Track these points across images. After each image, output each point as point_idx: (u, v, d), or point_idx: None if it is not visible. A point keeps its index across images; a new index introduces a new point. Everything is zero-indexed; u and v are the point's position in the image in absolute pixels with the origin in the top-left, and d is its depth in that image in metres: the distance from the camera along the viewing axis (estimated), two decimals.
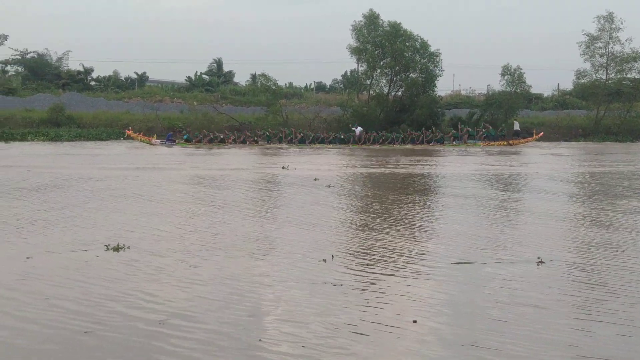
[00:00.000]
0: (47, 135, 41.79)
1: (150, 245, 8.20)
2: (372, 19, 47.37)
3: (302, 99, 64.73)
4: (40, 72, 72.09)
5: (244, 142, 40.56)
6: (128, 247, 7.97)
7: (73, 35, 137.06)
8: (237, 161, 25.50)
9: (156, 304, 5.70)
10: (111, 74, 77.33)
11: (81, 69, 74.21)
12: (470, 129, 42.97)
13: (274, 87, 47.53)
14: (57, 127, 44.56)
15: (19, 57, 74.83)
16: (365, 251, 8.08)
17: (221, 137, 41.08)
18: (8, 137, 40.51)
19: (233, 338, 4.93)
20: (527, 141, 41.68)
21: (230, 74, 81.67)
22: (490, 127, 43.20)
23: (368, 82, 48.99)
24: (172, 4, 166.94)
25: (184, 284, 6.40)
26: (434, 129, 42.81)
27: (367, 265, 7.29)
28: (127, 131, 41.15)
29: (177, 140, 40.43)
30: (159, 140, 40.05)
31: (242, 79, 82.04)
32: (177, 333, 4.99)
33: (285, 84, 72.09)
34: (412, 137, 41.83)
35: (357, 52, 47.53)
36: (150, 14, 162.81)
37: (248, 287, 6.29)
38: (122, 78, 77.50)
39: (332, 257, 7.59)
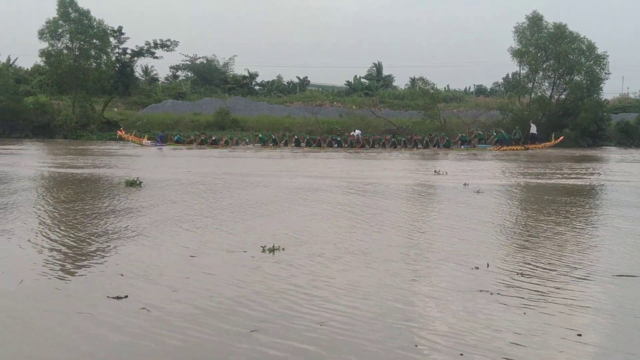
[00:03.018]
0: None
1: (305, 248, 8.29)
2: (535, 20, 46.12)
3: (461, 103, 64.05)
4: (208, 76, 75.91)
5: (237, 144, 41.57)
6: (283, 249, 8.08)
7: (239, 40, 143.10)
8: (387, 166, 25.62)
9: (314, 306, 5.77)
10: (275, 78, 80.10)
11: (246, 73, 77.47)
12: (480, 132, 40.99)
13: (432, 91, 47.37)
14: (222, 130, 46.63)
15: (189, 63, 79.23)
16: (520, 259, 7.78)
17: (213, 138, 42.17)
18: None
19: (389, 343, 4.91)
20: (545, 146, 39.17)
21: (390, 78, 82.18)
22: (503, 131, 41.10)
23: (530, 85, 47.64)
24: (337, 6, 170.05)
25: (338, 287, 6.44)
26: (439, 132, 41.41)
27: (523, 274, 7.03)
28: (119, 132, 43.17)
29: (167, 142, 41.87)
30: (149, 142, 41.46)
31: (401, 82, 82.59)
32: (335, 336, 5.03)
33: (444, 88, 71.58)
34: (414, 140, 41.08)
35: (518, 54, 46.41)
36: (314, 18, 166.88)
37: (401, 293, 6.25)
38: (285, 82, 79.99)
39: (487, 265, 7.37)
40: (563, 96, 46.55)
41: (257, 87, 77.71)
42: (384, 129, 44.91)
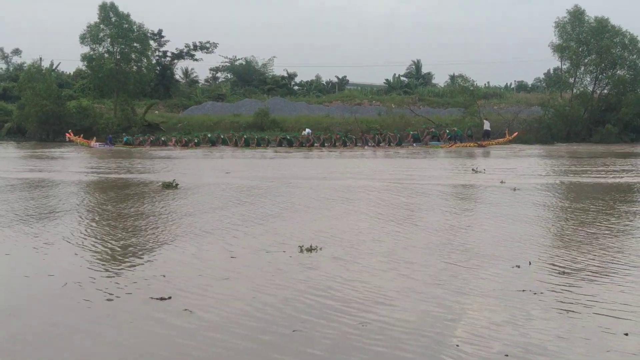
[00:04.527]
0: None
1: (342, 249, 8.27)
2: (576, 15, 45.53)
3: (502, 99, 63.34)
4: (247, 78, 76.35)
5: (186, 144, 42.63)
6: (320, 249, 8.09)
7: (278, 41, 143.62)
8: (425, 165, 25.57)
9: (353, 306, 5.76)
10: (313, 78, 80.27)
11: (285, 74, 77.68)
12: (434, 129, 41.40)
13: (471, 88, 46.98)
14: (261, 131, 46.84)
15: (228, 64, 79.79)
16: (563, 257, 7.65)
17: (163, 139, 44.26)
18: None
19: (429, 343, 4.87)
20: (499, 142, 38.94)
21: (429, 76, 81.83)
22: (456, 129, 41.14)
23: (571, 80, 47.03)
24: (373, 9, 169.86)
25: (376, 287, 6.40)
26: (387, 131, 42.24)
27: (566, 272, 6.92)
28: (67, 134, 45.12)
29: (115, 144, 43.91)
30: (97, 143, 43.21)
31: (440, 80, 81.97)
32: (374, 335, 5.01)
33: (485, 84, 70.95)
34: (366, 139, 41.45)
35: (559, 49, 45.85)
36: (352, 18, 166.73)
37: (442, 293, 6.19)
38: (324, 82, 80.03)
39: (530, 263, 7.26)
40: (606, 91, 45.93)
41: (296, 88, 77.87)
42: (422, 128, 44.67)
